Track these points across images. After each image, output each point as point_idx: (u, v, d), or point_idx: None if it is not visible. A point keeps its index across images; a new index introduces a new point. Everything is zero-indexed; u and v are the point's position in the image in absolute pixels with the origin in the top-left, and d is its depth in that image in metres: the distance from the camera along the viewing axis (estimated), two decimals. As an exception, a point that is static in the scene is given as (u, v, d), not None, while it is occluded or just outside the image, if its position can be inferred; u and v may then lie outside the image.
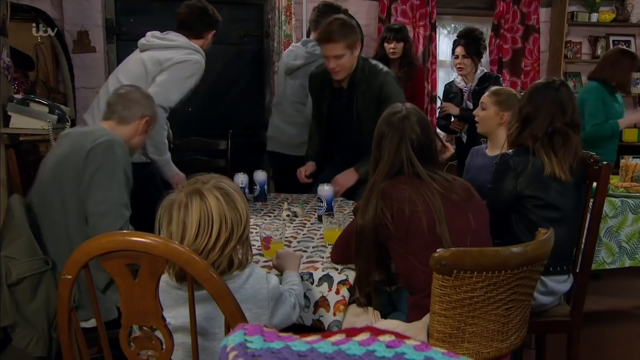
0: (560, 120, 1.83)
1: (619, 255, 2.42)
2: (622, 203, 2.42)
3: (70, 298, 1.09)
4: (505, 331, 1.39)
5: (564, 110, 1.84)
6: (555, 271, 1.84)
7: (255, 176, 2.52)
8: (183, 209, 1.17)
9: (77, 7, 3.55)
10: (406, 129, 1.54)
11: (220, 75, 3.89)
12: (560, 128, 1.82)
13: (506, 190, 1.84)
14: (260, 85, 4.03)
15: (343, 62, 2.38)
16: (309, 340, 0.58)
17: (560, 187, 1.82)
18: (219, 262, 1.17)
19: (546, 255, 1.39)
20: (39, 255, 1.55)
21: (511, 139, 1.92)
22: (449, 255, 1.25)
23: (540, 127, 1.83)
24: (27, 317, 1.50)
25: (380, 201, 1.49)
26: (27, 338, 1.49)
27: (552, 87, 1.88)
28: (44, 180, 1.72)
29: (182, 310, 1.15)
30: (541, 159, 1.81)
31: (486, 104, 2.25)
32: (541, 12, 4.32)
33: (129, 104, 1.88)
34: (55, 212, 1.67)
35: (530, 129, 1.85)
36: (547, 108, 1.84)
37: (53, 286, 1.55)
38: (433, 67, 4.15)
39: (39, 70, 3.43)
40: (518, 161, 1.83)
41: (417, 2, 4.05)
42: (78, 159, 1.66)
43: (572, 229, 1.89)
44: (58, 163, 1.70)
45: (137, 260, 1.04)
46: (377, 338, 0.57)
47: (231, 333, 0.59)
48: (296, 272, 1.51)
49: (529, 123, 1.86)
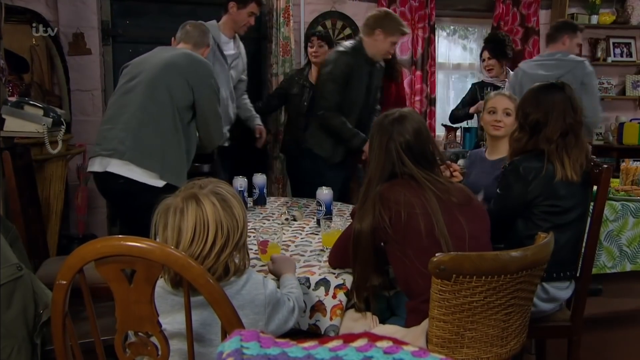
0: (572, 118, 1.81)
1: (620, 259, 2.41)
2: (622, 207, 2.41)
3: (65, 303, 1.07)
4: (505, 336, 1.38)
5: (574, 107, 1.83)
6: (558, 277, 1.83)
7: (254, 180, 2.50)
8: (179, 214, 1.15)
9: (73, 8, 3.52)
10: (394, 131, 1.54)
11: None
12: (573, 125, 1.81)
13: (515, 198, 1.82)
14: (259, 88, 4.02)
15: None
16: (306, 346, 0.57)
17: (568, 191, 1.80)
18: (214, 269, 1.16)
19: (546, 259, 1.38)
20: (11, 261, 1.51)
21: (519, 147, 1.88)
22: (448, 260, 1.24)
23: (554, 129, 1.81)
24: (5, 326, 1.46)
25: (378, 204, 1.48)
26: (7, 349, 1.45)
27: (556, 87, 1.87)
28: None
29: (178, 316, 1.14)
30: (553, 163, 1.79)
31: (512, 110, 2.20)
32: (541, 14, 4.32)
33: (202, 34, 2.42)
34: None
35: (544, 133, 1.82)
36: (559, 108, 1.82)
37: (29, 291, 1.52)
38: (432, 70, 4.13)
39: (34, 72, 3.39)
40: (529, 168, 1.80)
41: (415, 4, 4.04)
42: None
43: (576, 234, 1.88)
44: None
45: (133, 266, 1.03)
46: (375, 344, 0.56)
47: (227, 339, 0.58)
48: (293, 275, 1.50)
49: (541, 128, 1.83)
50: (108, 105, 2.29)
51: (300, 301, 1.40)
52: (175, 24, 2.58)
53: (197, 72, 2.20)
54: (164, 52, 2.28)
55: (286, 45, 3.73)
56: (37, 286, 1.54)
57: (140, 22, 3.68)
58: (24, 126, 2.12)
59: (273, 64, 3.78)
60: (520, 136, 1.88)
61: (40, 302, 1.52)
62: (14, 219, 1.95)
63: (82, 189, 3.43)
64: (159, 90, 2.13)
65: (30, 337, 1.51)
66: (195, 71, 2.20)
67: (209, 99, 2.22)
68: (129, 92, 2.17)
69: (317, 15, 3.96)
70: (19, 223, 1.93)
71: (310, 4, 3.96)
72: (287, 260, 1.57)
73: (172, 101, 2.13)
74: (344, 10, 4.01)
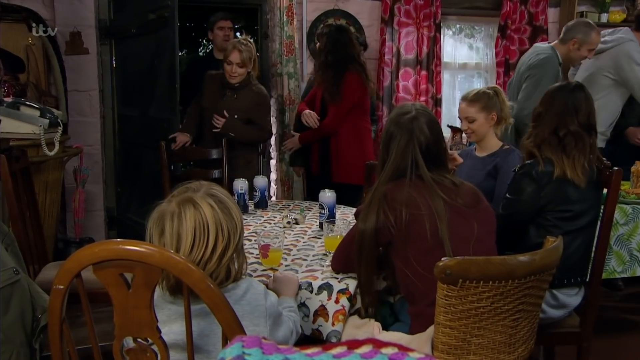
0: (573, 122, 1.79)
1: (630, 263, 2.37)
2: (633, 210, 2.37)
3: (62, 308, 1.06)
4: (513, 343, 1.35)
5: (578, 111, 1.81)
6: (568, 283, 1.80)
7: (255, 182, 2.48)
8: (176, 219, 1.12)
9: (69, 7, 3.47)
10: (415, 130, 1.51)
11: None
12: (573, 130, 1.79)
13: (528, 203, 1.80)
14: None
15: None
16: (309, 352, 0.56)
17: (579, 195, 1.77)
18: (216, 273, 1.13)
19: (555, 264, 1.36)
20: (8, 265, 1.49)
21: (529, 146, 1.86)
22: (454, 265, 1.22)
23: (547, 127, 1.80)
24: (4, 331, 1.44)
25: (383, 204, 1.46)
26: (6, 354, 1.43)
27: (567, 89, 1.86)
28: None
29: (175, 327, 1.11)
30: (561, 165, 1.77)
31: (473, 115, 2.21)
32: (549, 12, 4.28)
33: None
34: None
35: (537, 130, 1.82)
36: (556, 108, 1.81)
37: (26, 295, 1.50)
38: (438, 70, 4.10)
39: (30, 72, 3.37)
40: (542, 172, 1.78)
41: (421, 2, 3.99)
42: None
43: (587, 240, 1.85)
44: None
45: (132, 270, 1.01)
46: (380, 350, 0.54)
47: (229, 345, 0.57)
48: (293, 299, 1.45)
49: (539, 124, 1.84)
50: None
51: (298, 326, 1.35)
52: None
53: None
54: None
55: (290, 44, 3.71)
56: (34, 290, 1.52)
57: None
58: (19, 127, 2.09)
59: (277, 63, 3.76)
60: (529, 132, 1.88)
61: (38, 307, 1.50)
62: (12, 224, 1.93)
63: (79, 191, 3.41)
64: None
65: (29, 342, 1.49)
66: None
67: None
68: None
69: (319, 13, 3.93)
70: (17, 228, 1.91)
71: (313, 2, 3.94)
72: (289, 282, 1.50)
73: None
74: (347, 8, 3.99)
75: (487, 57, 4.45)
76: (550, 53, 2.89)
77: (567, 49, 2.88)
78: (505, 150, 2.22)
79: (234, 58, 2.86)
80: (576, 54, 2.88)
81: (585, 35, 2.84)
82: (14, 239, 1.76)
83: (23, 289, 1.49)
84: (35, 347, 1.50)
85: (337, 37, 3.05)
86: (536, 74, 2.84)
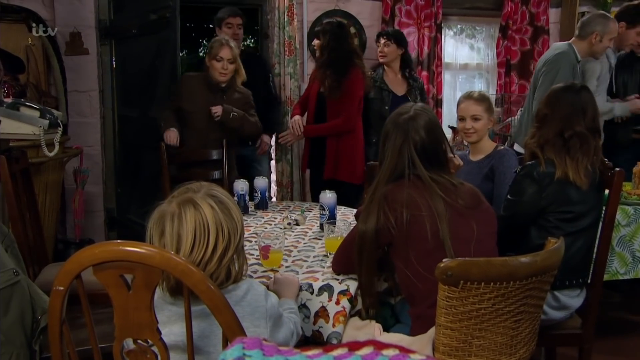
0: (579, 124, 1.79)
1: (633, 265, 2.36)
2: (635, 211, 2.36)
3: (62, 310, 1.05)
4: (514, 344, 1.35)
5: (585, 113, 1.80)
6: (570, 285, 1.80)
7: (255, 183, 2.47)
8: (177, 220, 1.12)
9: (69, 7, 3.46)
10: (410, 130, 1.51)
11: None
12: (579, 131, 1.78)
13: (529, 204, 1.79)
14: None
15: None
16: (310, 354, 0.56)
17: (580, 197, 1.77)
18: (217, 274, 1.13)
19: (556, 265, 1.35)
20: (7, 266, 1.48)
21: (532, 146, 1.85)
22: (455, 266, 1.21)
23: (552, 128, 1.79)
24: (4, 333, 1.44)
25: (384, 205, 1.45)
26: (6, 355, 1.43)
27: (572, 89, 1.85)
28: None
29: (175, 328, 1.11)
30: (551, 160, 1.77)
31: (480, 113, 2.20)
32: (551, 13, 4.27)
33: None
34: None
35: (541, 131, 1.81)
36: (563, 110, 1.80)
37: (26, 296, 1.50)
38: (439, 70, 4.09)
39: (30, 73, 3.36)
40: (544, 174, 1.77)
41: (422, 3, 3.99)
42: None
43: (589, 241, 1.85)
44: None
45: (132, 271, 1.01)
46: (381, 352, 0.54)
47: (229, 347, 0.56)
48: (293, 300, 1.44)
49: (543, 125, 1.82)
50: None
51: (299, 327, 1.35)
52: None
53: None
54: None
55: (290, 44, 3.70)
56: (34, 292, 1.52)
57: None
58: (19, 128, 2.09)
59: (275, 63, 3.75)
60: (533, 132, 1.87)
61: (38, 308, 1.50)
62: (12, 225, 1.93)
63: (79, 192, 3.40)
64: None
65: (29, 343, 1.49)
66: None
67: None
68: None
69: (320, 13, 3.93)
70: (17, 229, 1.91)
71: (314, 2, 3.93)
72: (290, 283, 1.49)
73: None
74: (347, 8, 3.98)
75: (488, 57, 4.45)
76: (566, 49, 2.91)
77: (588, 44, 2.89)
78: (499, 151, 2.22)
79: (225, 54, 2.79)
80: (599, 46, 2.90)
81: (605, 26, 2.86)
82: (14, 240, 1.76)
83: (23, 290, 1.49)
84: (35, 348, 1.49)
85: (340, 33, 3.05)
86: (552, 68, 2.86)
